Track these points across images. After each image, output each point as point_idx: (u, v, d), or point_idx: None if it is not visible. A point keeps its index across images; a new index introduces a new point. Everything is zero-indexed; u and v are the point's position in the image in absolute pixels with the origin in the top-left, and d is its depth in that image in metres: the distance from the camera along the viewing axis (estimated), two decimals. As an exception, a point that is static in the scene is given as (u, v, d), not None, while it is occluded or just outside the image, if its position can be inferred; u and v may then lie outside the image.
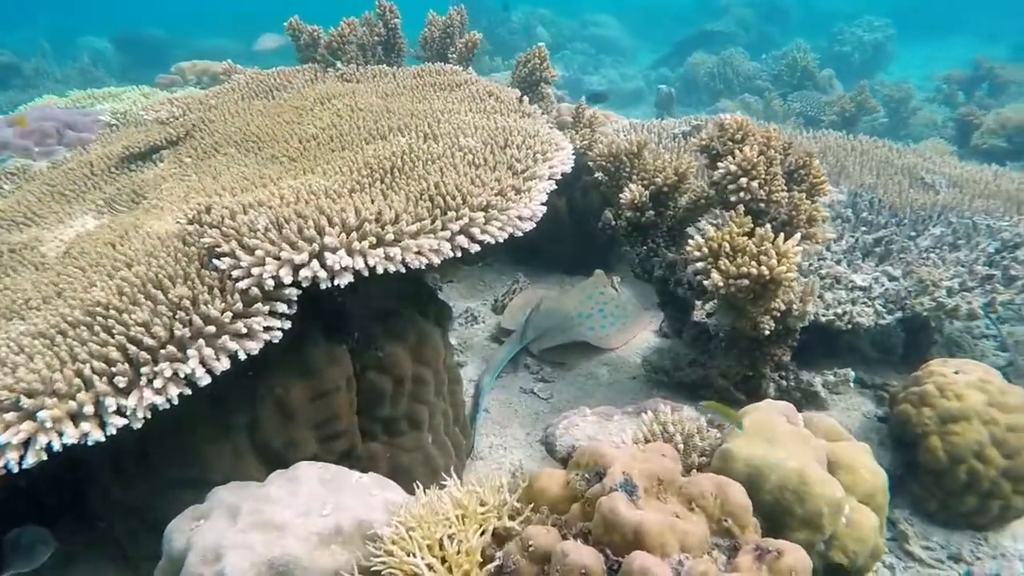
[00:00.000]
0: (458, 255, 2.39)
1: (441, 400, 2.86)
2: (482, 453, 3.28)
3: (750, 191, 2.78)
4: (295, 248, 2.14)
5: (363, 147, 3.05)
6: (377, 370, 2.56)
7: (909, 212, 4.07)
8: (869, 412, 3.59)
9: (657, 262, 3.45)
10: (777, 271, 2.50)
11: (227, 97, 4.22)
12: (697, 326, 3.46)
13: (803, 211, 2.84)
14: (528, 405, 3.66)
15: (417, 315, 2.70)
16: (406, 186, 2.60)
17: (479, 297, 4.88)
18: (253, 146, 3.43)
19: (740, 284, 2.56)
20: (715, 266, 2.65)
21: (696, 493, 1.73)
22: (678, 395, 3.63)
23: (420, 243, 2.27)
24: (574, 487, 1.80)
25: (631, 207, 3.28)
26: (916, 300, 3.46)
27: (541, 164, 2.93)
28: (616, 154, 3.52)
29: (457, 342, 4.26)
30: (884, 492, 2.22)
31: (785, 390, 3.34)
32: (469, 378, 3.88)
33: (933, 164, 4.49)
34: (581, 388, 3.79)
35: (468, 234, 2.41)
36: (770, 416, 2.31)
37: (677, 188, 3.26)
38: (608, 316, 4.30)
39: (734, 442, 2.20)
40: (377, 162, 2.81)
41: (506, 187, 2.63)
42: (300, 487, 2.02)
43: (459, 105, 3.65)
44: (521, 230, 2.58)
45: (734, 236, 2.66)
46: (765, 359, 3.10)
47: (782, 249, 2.52)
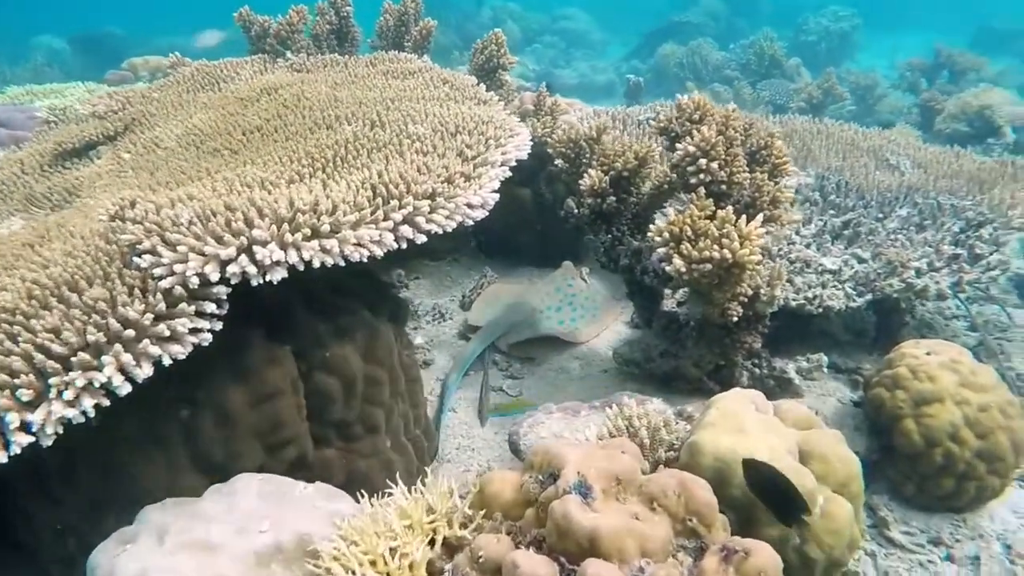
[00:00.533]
0: (403, 246, 2.25)
1: (399, 401, 2.71)
2: (449, 455, 3.14)
3: (710, 172, 2.66)
4: (221, 242, 1.98)
5: (307, 137, 2.90)
6: (324, 371, 2.41)
7: (876, 194, 3.99)
8: (844, 397, 3.50)
9: (623, 251, 3.33)
10: (740, 254, 2.38)
11: (170, 90, 4.03)
12: (666, 315, 3.35)
13: (766, 192, 2.73)
14: (496, 403, 3.52)
15: (366, 312, 2.55)
16: (348, 175, 2.45)
17: (447, 293, 4.73)
18: (195, 139, 3.25)
19: (703, 269, 2.44)
20: (676, 251, 2.53)
21: (657, 492, 1.61)
22: (650, 387, 3.51)
23: (360, 234, 2.13)
24: (528, 490, 1.66)
25: (591, 193, 3.15)
26: (885, 282, 3.37)
27: (493, 150, 2.79)
28: (575, 140, 3.39)
29: (425, 340, 4.11)
30: (859, 480, 2.11)
31: (758, 378, 3.23)
32: (437, 377, 3.73)
33: (897, 146, 4.43)
34: (552, 383, 3.67)
35: (413, 224, 2.27)
36: (739, 405, 2.19)
37: (638, 172, 3.14)
38: (577, 308, 4.17)
39: (701, 434, 2.08)
40: (319, 151, 2.66)
41: (454, 174, 2.48)
42: (237, 502, 1.87)
43: (411, 93, 3.50)
44: (471, 218, 2.44)
45: (695, 219, 2.54)
46: (736, 347, 2.99)
47: (744, 231, 2.40)
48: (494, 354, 3.93)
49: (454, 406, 3.48)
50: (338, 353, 2.41)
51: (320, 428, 2.46)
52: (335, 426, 2.48)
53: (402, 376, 2.72)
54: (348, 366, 2.43)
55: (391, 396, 2.62)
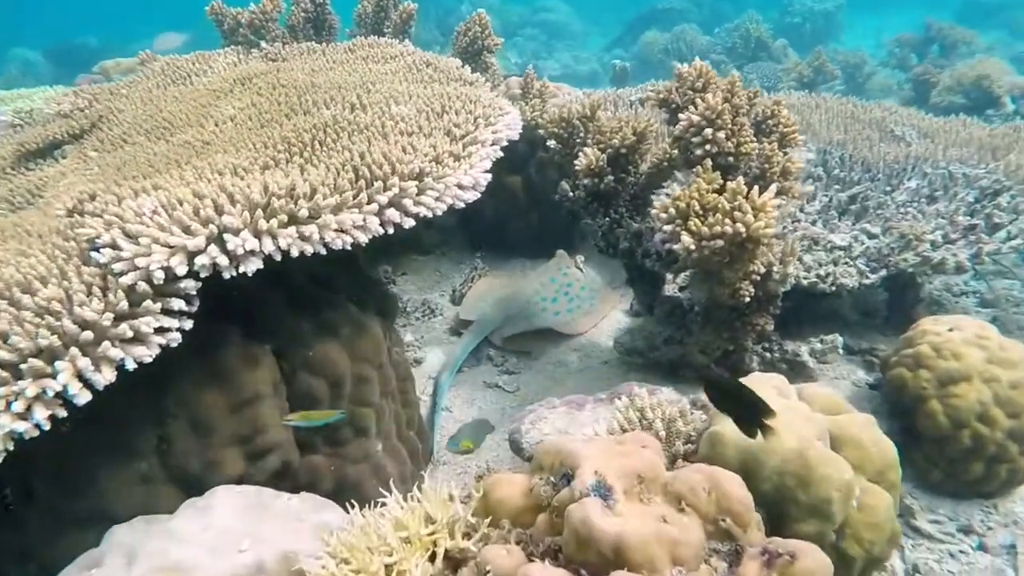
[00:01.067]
0: (389, 231, 2.06)
1: (389, 401, 2.52)
2: (444, 457, 2.96)
3: (716, 143, 2.49)
4: (188, 232, 1.79)
5: (283, 124, 2.70)
6: (308, 371, 2.22)
7: (882, 166, 3.83)
8: (859, 380, 3.34)
9: (622, 233, 3.15)
10: (754, 227, 2.21)
11: (139, 86, 3.82)
12: (670, 300, 3.18)
13: (776, 163, 2.56)
14: (493, 400, 3.34)
15: (352, 306, 2.36)
16: (327, 159, 2.27)
17: (436, 288, 4.54)
18: (164, 133, 3.05)
19: (714, 245, 2.27)
20: (684, 228, 2.35)
21: (685, 490, 1.43)
22: (655, 377, 3.34)
23: (342, 219, 1.94)
24: (539, 494, 1.48)
25: (588, 173, 2.97)
26: (900, 256, 3.21)
27: (483, 129, 2.61)
28: (568, 119, 3.21)
29: (414, 337, 3.92)
30: (896, 467, 1.95)
31: (769, 362, 3.07)
32: (429, 376, 3.55)
33: (901, 117, 4.27)
34: (550, 377, 3.49)
35: (399, 207, 2.08)
36: (761, 391, 2.02)
37: (636, 149, 2.97)
38: (574, 299, 4.00)
39: (723, 424, 1.90)
40: (296, 136, 2.47)
41: (442, 153, 2.30)
42: (214, 518, 1.68)
43: (392, 76, 3.31)
44: (462, 200, 2.25)
45: (703, 193, 2.36)
46: (747, 330, 2.82)
47: (758, 203, 2.23)
48: (488, 349, 3.75)
49: (448, 405, 3.30)
50: (323, 351, 2.23)
51: (306, 433, 2.27)
52: (322, 430, 2.29)
53: (392, 374, 2.53)
54: (334, 365, 2.24)
55: (381, 396, 2.44)
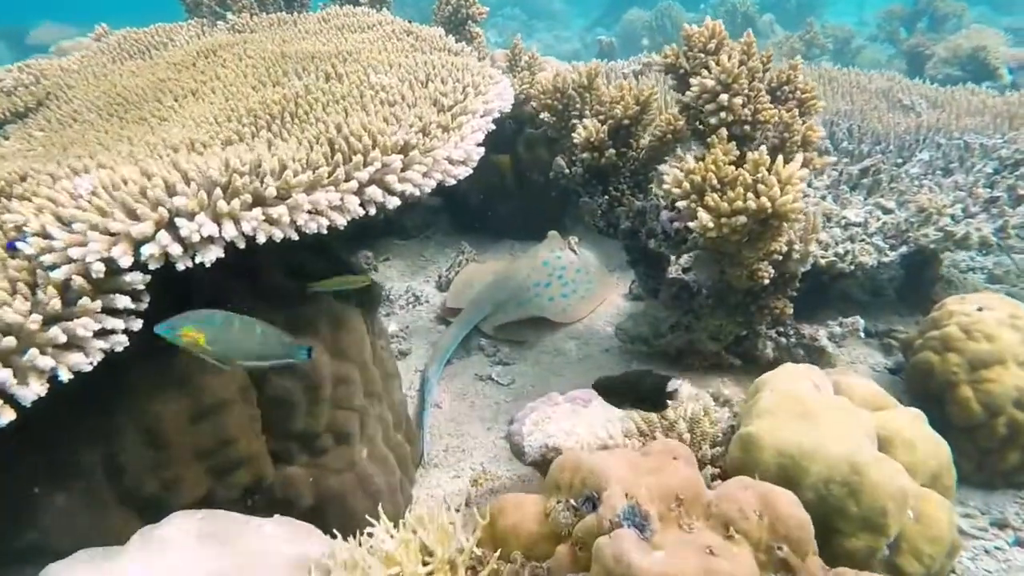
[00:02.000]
0: (371, 212, 1.80)
1: (375, 402, 2.27)
2: (436, 459, 2.71)
3: (732, 111, 2.24)
4: (134, 216, 1.51)
5: (250, 96, 2.42)
6: (282, 374, 1.96)
7: (893, 138, 3.62)
8: (878, 364, 3.14)
9: (623, 212, 2.91)
10: (781, 202, 1.97)
11: (93, 60, 3.50)
12: (676, 283, 2.94)
13: (796, 132, 2.32)
14: (487, 394, 3.10)
15: (331, 297, 2.10)
16: (299, 133, 1.99)
17: (421, 274, 4.28)
18: (119, 109, 2.75)
19: (735, 223, 2.03)
20: (701, 204, 2.11)
21: (733, 513, 1.20)
22: (660, 366, 3.12)
23: (316, 199, 1.67)
24: (557, 521, 1.24)
25: (587, 147, 2.72)
26: (920, 232, 3.00)
27: (473, 99, 2.35)
28: (562, 89, 2.96)
29: (399, 327, 3.67)
30: (951, 470, 1.74)
31: (785, 348, 2.85)
32: (416, 369, 3.29)
33: (907, 86, 4.05)
34: (547, 368, 3.25)
35: (382, 184, 1.82)
36: (797, 384, 1.79)
37: (639, 120, 2.72)
38: (568, 283, 3.75)
39: (757, 424, 1.68)
40: (264, 108, 2.19)
41: (429, 124, 2.04)
42: (166, 552, 1.42)
43: (371, 46, 3.02)
44: (453, 176, 2.00)
45: (720, 165, 2.12)
46: (763, 314, 2.59)
47: (784, 174, 1.99)
48: (479, 338, 3.50)
49: (438, 401, 3.05)
50: (298, 350, 1.96)
51: (280, 442, 2.01)
52: (299, 438, 2.04)
53: (377, 372, 2.28)
54: (311, 365, 1.98)
55: (365, 397, 2.18)
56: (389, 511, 2.29)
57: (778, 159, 2.03)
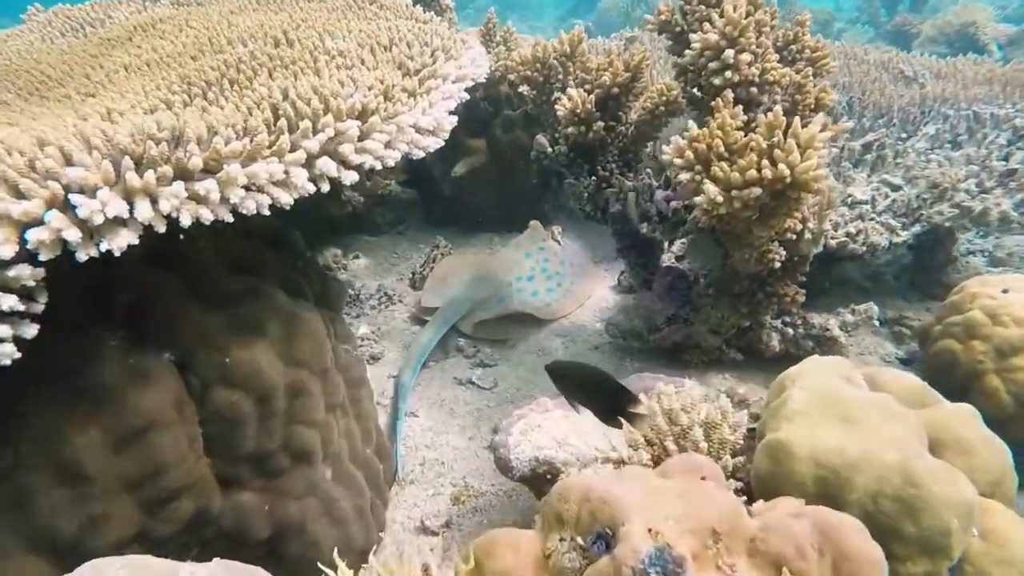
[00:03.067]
0: (323, 188, 1.51)
1: (338, 414, 1.98)
2: (412, 474, 2.42)
3: (738, 69, 1.98)
4: (17, 193, 1.21)
5: (186, 65, 2.11)
6: (226, 384, 1.66)
7: (896, 111, 3.39)
8: (888, 354, 2.91)
9: (612, 194, 2.64)
10: (801, 168, 1.71)
11: (16, 40, 3.15)
12: (671, 272, 2.68)
13: (808, 94, 2.07)
14: (467, 400, 2.81)
15: (282, 295, 1.81)
16: (239, 100, 1.70)
17: (393, 271, 3.98)
18: (41, 88, 2.42)
19: (748, 196, 1.77)
20: (708, 175, 1.84)
21: (787, 550, 0.93)
22: (655, 363, 2.86)
23: (254, 171, 1.38)
24: (560, 565, 0.97)
25: (572, 120, 2.45)
26: (933, 209, 2.77)
27: (443, 63, 2.06)
28: (543, 59, 2.68)
29: (370, 329, 3.37)
30: (1012, 474, 1.49)
31: (792, 340, 2.60)
32: (388, 375, 3.00)
33: (907, 57, 3.83)
34: (532, 370, 2.97)
35: (336, 155, 1.53)
36: (830, 380, 1.53)
37: (630, 89, 2.45)
38: (553, 276, 3.48)
39: (787, 428, 1.41)
40: (200, 75, 1.89)
41: (392, 87, 1.75)
42: (70, 618, 1.12)
43: (329, 14, 2.72)
44: (422, 148, 1.71)
45: (729, 130, 1.86)
46: (771, 302, 2.34)
47: (804, 137, 1.73)
48: (457, 339, 3.22)
49: (413, 408, 2.76)
50: (244, 357, 1.67)
51: (228, 465, 1.72)
52: (250, 460, 1.74)
53: (341, 380, 1.99)
54: (260, 374, 1.69)
55: (328, 410, 1.89)
56: (359, 539, 2.01)
57: (795, 120, 1.77)
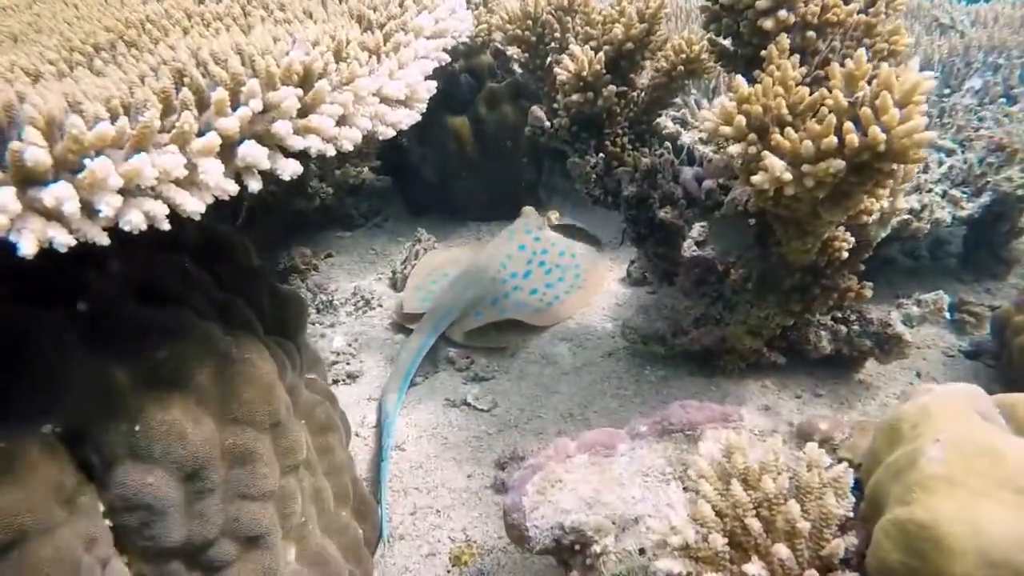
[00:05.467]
0: (252, 187, 1.06)
1: (301, 474, 1.53)
2: (402, 527, 1.98)
3: (794, 6, 1.54)
4: None
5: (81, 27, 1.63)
6: (137, 459, 1.21)
7: (937, 63, 2.96)
8: (950, 346, 2.50)
9: (625, 173, 2.20)
10: (903, 130, 1.28)
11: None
12: (699, 263, 2.25)
13: (880, 36, 1.64)
14: (462, 425, 2.37)
15: (216, 328, 1.35)
16: (136, 66, 1.23)
17: (372, 270, 3.52)
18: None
19: (826, 170, 1.33)
20: (767, 147, 1.41)
21: None
22: (682, 371, 2.44)
23: (136, 168, 0.92)
24: None
25: (577, 87, 2.00)
26: (1001, 175, 2.35)
27: (415, 15, 1.60)
28: (535, 16, 2.21)
29: (346, 341, 2.92)
30: None
31: (846, 339, 2.19)
32: (370, 397, 2.55)
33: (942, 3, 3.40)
34: (536, 383, 2.53)
35: (268, 138, 1.07)
36: (973, 426, 1.12)
37: (646, 44, 2.00)
38: (553, 270, 3.04)
39: (930, 503, 1.00)
40: (88, 37, 1.42)
41: (345, 42, 1.29)
42: None
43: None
44: (390, 123, 1.26)
45: (791, 85, 1.42)
46: (829, 297, 1.92)
47: (903, 88, 1.29)
48: (448, 348, 2.77)
49: (401, 441, 2.32)
50: (161, 420, 1.22)
51: (151, 563, 1.27)
52: (182, 554, 1.30)
53: (302, 430, 1.54)
54: (185, 440, 1.24)
55: (285, 472, 1.45)
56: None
57: (884, 67, 1.33)
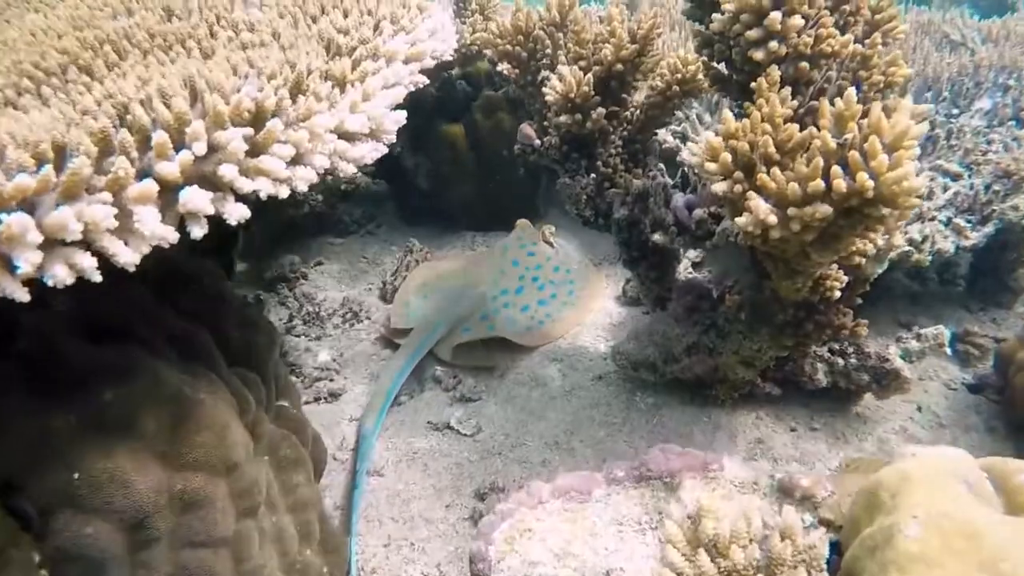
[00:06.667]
0: (195, 233, 0.99)
1: (261, 516, 1.47)
2: (374, 558, 1.92)
3: (786, 37, 1.46)
4: None
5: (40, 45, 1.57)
6: (77, 509, 1.16)
7: (946, 81, 2.86)
8: (952, 379, 2.42)
9: (617, 196, 2.12)
10: (892, 178, 1.20)
11: None
12: (692, 289, 2.18)
13: (876, 68, 1.55)
14: (444, 451, 2.31)
15: (167, 368, 1.29)
16: (82, 98, 1.17)
17: (362, 279, 3.45)
18: None
19: (812, 215, 1.26)
20: (752, 185, 1.33)
21: None
22: (672, 399, 2.36)
23: (60, 220, 0.85)
24: None
25: (565, 107, 1.92)
26: (1008, 203, 2.27)
27: (392, 37, 1.53)
28: (526, 30, 2.14)
29: (332, 355, 2.86)
30: None
31: (842, 372, 2.11)
32: (351, 418, 2.49)
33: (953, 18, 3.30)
34: (523, 408, 2.47)
35: (213, 181, 1.01)
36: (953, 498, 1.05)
37: (637, 65, 1.92)
38: (546, 286, 2.96)
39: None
40: (41, 60, 1.35)
41: (306, 74, 1.22)
42: None
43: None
44: (351, 160, 1.19)
45: (779, 121, 1.34)
46: (822, 333, 1.84)
47: (892, 132, 1.22)
48: (435, 366, 2.70)
49: (380, 467, 2.25)
50: (102, 468, 1.16)
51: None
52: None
53: (263, 469, 1.48)
54: (128, 489, 1.18)
55: (242, 515, 1.38)
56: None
57: (874, 108, 1.26)
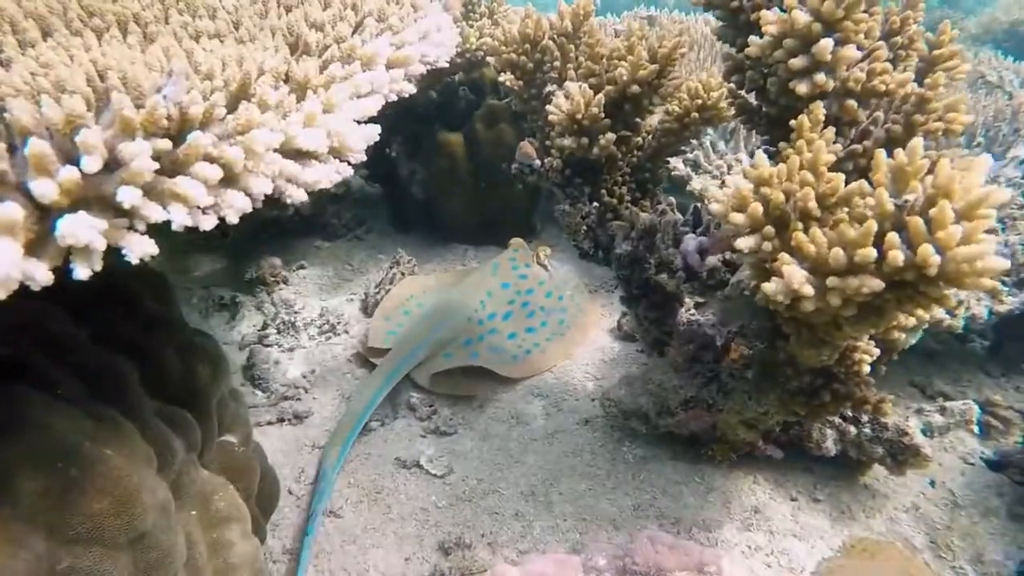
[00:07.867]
0: (79, 274, 0.77)
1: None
2: (319, 615, 1.71)
3: (835, 68, 1.25)
4: None
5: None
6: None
7: (980, 126, 2.66)
8: (971, 452, 2.21)
9: (621, 229, 1.91)
10: (960, 256, 0.99)
11: None
12: (694, 337, 1.97)
13: (934, 114, 1.35)
14: (411, 493, 2.09)
15: (64, 419, 1.07)
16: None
17: (344, 289, 3.23)
18: None
19: (856, 289, 1.05)
20: (786, 246, 1.12)
21: None
22: (663, 452, 2.15)
23: None
24: None
25: (571, 128, 1.71)
26: (1047, 266, 2.06)
27: (374, 37, 1.32)
28: (535, 39, 1.93)
29: (304, 370, 2.64)
30: None
31: (854, 443, 1.90)
32: (314, 445, 2.27)
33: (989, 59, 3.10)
34: (500, 448, 2.25)
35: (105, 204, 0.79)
36: None
37: (656, 88, 1.71)
38: (536, 313, 2.75)
39: None
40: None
41: (257, 75, 1.00)
42: None
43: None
44: (303, 184, 0.97)
45: (822, 169, 1.13)
46: (840, 405, 1.63)
47: (967, 198, 1.01)
48: (410, 392, 2.48)
49: (338, 506, 2.02)
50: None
51: None
52: None
53: (191, 525, 1.26)
54: None
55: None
56: None
57: (942, 165, 1.05)
